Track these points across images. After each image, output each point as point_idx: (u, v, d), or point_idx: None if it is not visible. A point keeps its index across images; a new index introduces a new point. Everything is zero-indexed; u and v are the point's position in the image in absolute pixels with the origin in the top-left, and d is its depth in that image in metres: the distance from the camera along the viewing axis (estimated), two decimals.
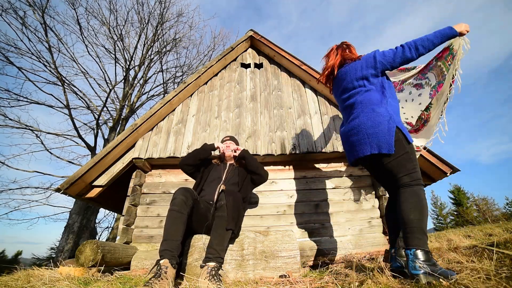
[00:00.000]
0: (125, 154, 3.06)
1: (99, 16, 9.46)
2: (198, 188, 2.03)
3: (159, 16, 10.26)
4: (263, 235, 1.71)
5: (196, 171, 2.18)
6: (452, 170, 2.80)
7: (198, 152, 2.17)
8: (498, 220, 5.44)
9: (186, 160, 2.14)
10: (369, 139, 1.35)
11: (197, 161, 2.14)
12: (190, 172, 2.17)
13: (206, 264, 1.35)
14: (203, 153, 2.16)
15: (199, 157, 2.15)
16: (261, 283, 1.32)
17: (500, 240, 1.60)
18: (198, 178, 2.13)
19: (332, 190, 2.88)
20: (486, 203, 22.95)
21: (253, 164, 2.09)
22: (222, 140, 2.40)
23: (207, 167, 2.20)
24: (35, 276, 1.53)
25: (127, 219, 2.70)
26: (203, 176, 2.12)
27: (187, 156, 2.17)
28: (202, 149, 2.18)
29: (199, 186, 2.04)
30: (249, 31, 3.76)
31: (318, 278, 1.38)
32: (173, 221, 1.50)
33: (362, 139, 1.38)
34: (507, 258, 1.20)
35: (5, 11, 7.11)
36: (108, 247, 1.91)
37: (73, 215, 7.01)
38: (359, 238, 2.61)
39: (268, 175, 2.14)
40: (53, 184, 8.31)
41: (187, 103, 3.40)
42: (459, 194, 24.70)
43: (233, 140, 2.36)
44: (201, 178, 2.11)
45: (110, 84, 9.64)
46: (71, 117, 8.14)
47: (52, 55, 8.02)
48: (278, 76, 3.59)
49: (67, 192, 2.84)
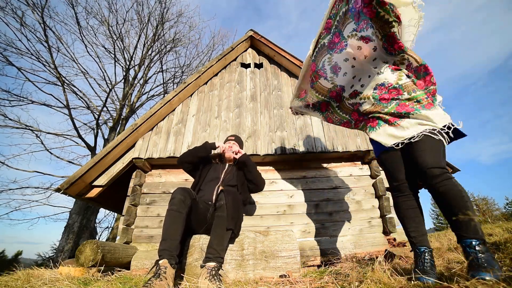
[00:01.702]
0: (125, 154, 3.06)
1: (98, 16, 9.47)
2: (196, 187, 2.01)
3: (159, 16, 10.26)
4: (263, 235, 1.71)
5: (195, 169, 2.16)
6: (452, 170, 2.81)
7: (197, 149, 2.14)
8: (498, 220, 5.45)
9: (185, 157, 2.12)
10: None
11: (196, 158, 2.12)
12: (188, 169, 2.15)
13: (206, 264, 1.35)
14: (203, 151, 2.13)
15: (198, 155, 2.12)
16: (261, 283, 1.32)
17: (500, 240, 1.60)
18: (196, 177, 2.10)
19: (332, 190, 2.88)
20: (486, 203, 22.98)
21: (252, 173, 2.05)
22: (226, 139, 2.37)
23: (205, 166, 2.17)
24: (35, 276, 1.53)
25: (127, 219, 2.70)
26: (202, 175, 2.09)
27: (186, 153, 2.15)
28: (203, 147, 2.15)
29: (198, 185, 2.02)
30: (249, 31, 3.76)
31: (318, 278, 1.38)
32: (172, 220, 1.50)
33: None
34: (507, 258, 1.20)
35: (3, 9, 7.10)
36: (108, 247, 1.91)
37: (73, 215, 7.01)
38: (359, 238, 2.61)
39: (264, 186, 2.11)
40: (53, 184, 8.31)
41: (187, 103, 3.40)
42: None
43: (237, 141, 2.32)
44: (200, 176, 2.08)
45: (110, 84, 9.64)
46: (71, 117, 8.14)
47: (52, 55, 8.02)
48: (278, 76, 3.59)
49: (67, 192, 2.84)
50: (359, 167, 3.02)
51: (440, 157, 1.22)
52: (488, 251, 1.00)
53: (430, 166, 1.19)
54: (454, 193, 1.11)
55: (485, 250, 0.99)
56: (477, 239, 1.02)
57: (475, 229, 1.04)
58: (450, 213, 1.13)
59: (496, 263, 0.96)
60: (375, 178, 2.91)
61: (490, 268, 0.91)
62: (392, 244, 2.52)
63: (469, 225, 1.06)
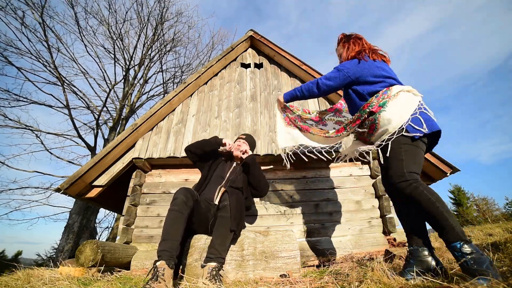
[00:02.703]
0: (125, 154, 3.06)
1: (98, 16, 9.47)
2: (201, 185, 1.96)
3: (159, 16, 10.26)
4: (263, 235, 1.71)
5: (201, 161, 2.13)
6: (452, 170, 2.81)
7: (204, 143, 2.11)
8: (498, 220, 5.44)
9: (191, 147, 2.11)
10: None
11: (200, 151, 2.09)
12: (193, 160, 2.13)
13: (207, 264, 1.35)
14: (209, 146, 2.09)
15: (204, 149, 2.09)
16: (261, 283, 1.32)
17: (500, 240, 1.60)
18: (204, 171, 2.06)
19: (332, 190, 2.87)
20: (486, 203, 22.95)
21: (256, 176, 1.99)
22: (237, 137, 2.33)
23: (214, 162, 2.12)
24: (35, 276, 1.53)
25: (127, 219, 2.70)
26: (210, 171, 2.04)
27: (193, 144, 2.13)
28: (210, 141, 2.11)
29: (203, 183, 1.97)
30: (249, 31, 3.75)
31: (318, 278, 1.38)
32: (173, 221, 1.49)
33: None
34: (507, 258, 1.20)
35: (3, 9, 7.10)
36: (108, 247, 1.91)
37: (73, 215, 7.01)
38: (359, 238, 2.61)
39: (267, 191, 2.06)
40: (53, 184, 8.31)
41: (187, 103, 3.40)
42: (459, 194, 24.69)
43: (248, 141, 2.26)
44: (208, 172, 2.03)
45: (110, 84, 9.64)
46: (71, 117, 8.14)
47: (52, 55, 8.02)
48: (278, 76, 3.59)
49: (67, 192, 2.84)
50: (359, 167, 3.02)
51: (401, 166, 1.22)
52: (475, 249, 0.99)
53: (395, 182, 1.23)
54: (425, 202, 1.12)
55: (471, 250, 0.99)
56: (459, 241, 1.01)
57: (453, 232, 1.04)
58: (428, 221, 1.15)
59: (486, 261, 0.95)
60: (375, 178, 2.91)
61: (482, 270, 0.91)
62: (392, 244, 2.52)
63: (448, 229, 1.06)
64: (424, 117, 1.28)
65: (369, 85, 1.46)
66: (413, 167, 1.22)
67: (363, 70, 1.47)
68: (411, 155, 1.24)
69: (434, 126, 1.27)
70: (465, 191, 24.96)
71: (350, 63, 1.53)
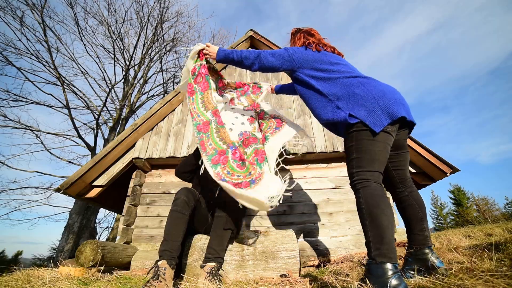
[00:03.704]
0: (125, 154, 3.06)
1: (97, 16, 9.47)
2: (198, 186, 1.92)
3: (159, 16, 10.26)
4: (263, 235, 1.71)
5: (196, 173, 1.95)
6: (452, 170, 2.80)
7: (191, 157, 1.93)
8: (498, 220, 5.44)
9: (182, 168, 1.93)
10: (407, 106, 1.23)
11: (190, 168, 1.92)
12: (188, 178, 1.97)
13: (206, 264, 1.35)
14: (197, 157, 1.83)
15: (193, 161, 1.87)
16: (261, 283, 1.32)
17: (500, 240, 1.60)
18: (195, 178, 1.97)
19: (332, 190, 2.87)
20: (486, 203, 22.98)
21: None
22: None
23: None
24: (35, 276, 1.53)
25: (127, 219, 2.70)
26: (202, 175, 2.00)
27: (182, 163, 1.94)
28: (194, 153, 1.91)
29: (200, 184, 1.93)
30: (249, 31, 3.75)
31: (318, 278, 1.38)
32: (174, 221, 1.49)
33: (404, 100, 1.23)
34: (507, 258, 1.20)
35: (3, 9, 7.10)
36: (108, 247, 1.91)
37: (73, 215, 7.02)
38: (359, 238, 2.61)
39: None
40: (53, 184, 8.31)
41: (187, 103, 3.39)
42: (459, 194, 24.73)
43: None
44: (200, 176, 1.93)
45: (110, 84, 9.64)
46: (71, 117, 8.14)
47: (51, 55, 8.02)
48: (278, 76, 3.59)
49: (67, 192, 2.84)
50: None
51: (351, 165, 1.16)
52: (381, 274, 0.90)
53: (350, 183, 1.19)
54: (359, 208, 1.09)
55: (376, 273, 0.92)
56: (370, 259, 0.97)
57: (368, 249, 1.00)
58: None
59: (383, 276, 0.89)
60: None
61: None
62: None
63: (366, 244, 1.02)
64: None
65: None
66: (360, 163, 1.15)
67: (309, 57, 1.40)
68: (357, 149, 1.17)
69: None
70: (465, 191, 25.00)
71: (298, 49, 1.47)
